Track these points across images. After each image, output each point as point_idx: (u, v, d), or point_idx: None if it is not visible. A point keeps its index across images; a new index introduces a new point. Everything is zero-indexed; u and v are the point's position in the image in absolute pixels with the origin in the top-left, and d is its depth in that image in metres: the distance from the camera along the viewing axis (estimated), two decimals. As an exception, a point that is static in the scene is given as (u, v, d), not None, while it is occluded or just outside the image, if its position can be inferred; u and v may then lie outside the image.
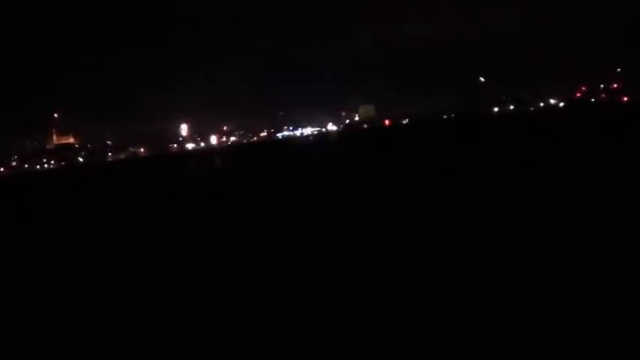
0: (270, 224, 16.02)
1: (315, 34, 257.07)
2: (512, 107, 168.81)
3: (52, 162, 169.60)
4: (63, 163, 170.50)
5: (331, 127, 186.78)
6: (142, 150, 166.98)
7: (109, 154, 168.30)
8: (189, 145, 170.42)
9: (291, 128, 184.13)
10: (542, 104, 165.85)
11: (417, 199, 17.31)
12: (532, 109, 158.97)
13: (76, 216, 25.86)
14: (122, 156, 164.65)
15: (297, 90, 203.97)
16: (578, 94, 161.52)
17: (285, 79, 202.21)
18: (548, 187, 16.11)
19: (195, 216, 20.10)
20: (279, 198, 22.41)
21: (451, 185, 19.10)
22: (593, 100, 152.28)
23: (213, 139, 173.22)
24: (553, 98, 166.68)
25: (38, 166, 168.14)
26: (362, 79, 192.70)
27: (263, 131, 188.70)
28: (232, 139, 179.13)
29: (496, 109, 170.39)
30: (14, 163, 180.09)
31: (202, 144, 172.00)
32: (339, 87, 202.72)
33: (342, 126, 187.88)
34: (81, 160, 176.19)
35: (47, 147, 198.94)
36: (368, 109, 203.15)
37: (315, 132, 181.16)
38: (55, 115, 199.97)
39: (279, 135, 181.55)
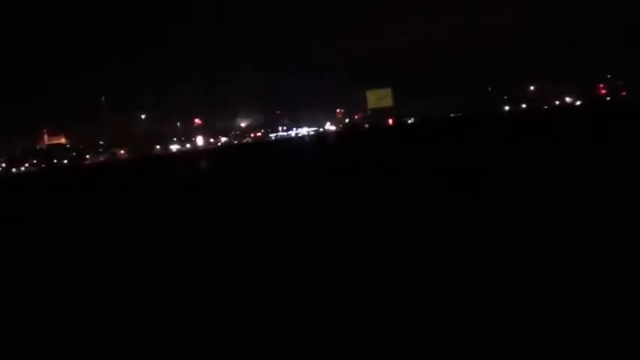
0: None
1: (313, 32, 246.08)
2: (524, 106, 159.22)
3: (26, 165, 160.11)
4: (43, 166, 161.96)
5: (329, 126, 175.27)
6: (121, 152, 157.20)
7: (87, 156, 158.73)
8: (173, 147, 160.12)
9: (284, 128, 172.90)
10: (557, 102, 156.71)
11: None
12: (546, 107, 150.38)
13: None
14: (101, 158, 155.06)
15: (295, 88, 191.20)
16: (603, 91, 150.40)
17: (283, 77, 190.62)
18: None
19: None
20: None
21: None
22: (608, 98, 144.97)
23: (200, 140, 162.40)
24: (569, 96, 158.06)
25: (14, 169, 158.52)
26: (363, 76, 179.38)
27: (260, 131, 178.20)
28: (223, 139, 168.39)
29: (507, 108, 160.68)
30: (4, 165, 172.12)
31: (188, 145, 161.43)
32: (340, 86, 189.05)
33: (341, 126, 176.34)
34: (65, 161, 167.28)
35: (37, 147, 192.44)
36: (382, 95, 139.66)
37: (312, 132, 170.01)
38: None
39: (272, 135, 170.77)
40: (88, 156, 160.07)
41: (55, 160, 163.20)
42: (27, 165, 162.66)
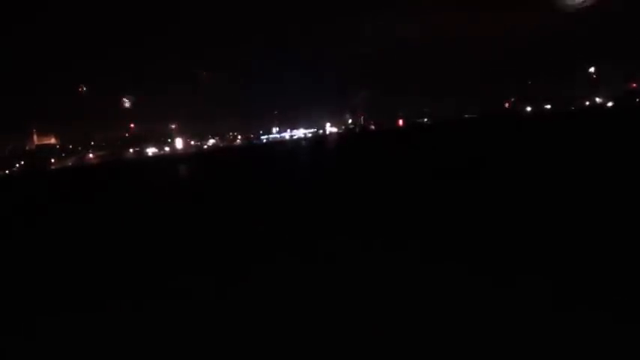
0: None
1: (314, 31, 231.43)
2: (548, 106, 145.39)
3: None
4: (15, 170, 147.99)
5: (330, 128, 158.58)
6: (90, 156, 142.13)
7: (52, 160, 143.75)
8: (150, 150, 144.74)
9: (277, 130, 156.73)
10: (587, 103, 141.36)
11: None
12: (573, 108, 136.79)
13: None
14: (69, 163, 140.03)
15: (294, 87, 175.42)
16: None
17: (282, 76, 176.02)
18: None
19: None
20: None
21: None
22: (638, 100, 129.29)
23: (179, 143, 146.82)
24: (599, 97, 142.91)
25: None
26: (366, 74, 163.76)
27: (253, 132, 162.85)
28: (211, 141, 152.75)
29: (529, 109, 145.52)
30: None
31: (167, 148, 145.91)
32: (342, 86, 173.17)
33: (343, 128, 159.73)
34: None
35: (27, 148, 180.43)
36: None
37: (309, 134, 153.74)
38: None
39: (263, 138, 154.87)
40: (52, 160, 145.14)
41: (18, 164, 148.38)
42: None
